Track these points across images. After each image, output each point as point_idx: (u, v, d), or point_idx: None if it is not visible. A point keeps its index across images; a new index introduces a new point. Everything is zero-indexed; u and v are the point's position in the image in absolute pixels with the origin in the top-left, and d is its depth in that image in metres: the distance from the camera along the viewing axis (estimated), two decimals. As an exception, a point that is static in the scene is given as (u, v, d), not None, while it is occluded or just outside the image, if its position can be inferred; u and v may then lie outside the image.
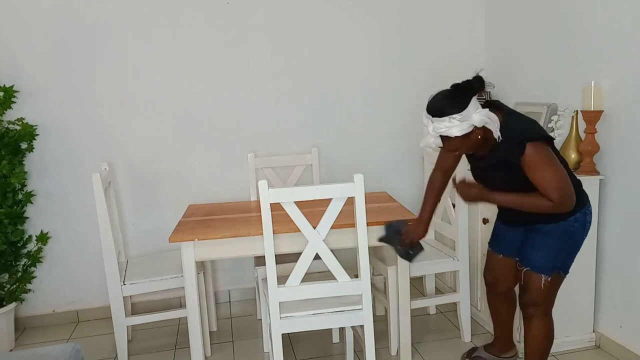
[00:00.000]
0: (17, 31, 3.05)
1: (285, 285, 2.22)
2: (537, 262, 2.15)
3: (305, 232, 2.19)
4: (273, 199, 2.13)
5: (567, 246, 2.14)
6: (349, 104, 3.51)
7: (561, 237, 2.11)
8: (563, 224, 2.09)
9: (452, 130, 1.93)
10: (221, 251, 2.41)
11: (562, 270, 2.16)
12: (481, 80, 2.03)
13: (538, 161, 1.94)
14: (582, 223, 2.12)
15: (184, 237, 2.35)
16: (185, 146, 3.35)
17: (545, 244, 2.14)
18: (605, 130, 2.60)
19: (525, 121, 2.07)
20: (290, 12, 3.35)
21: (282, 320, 2.24)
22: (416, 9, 3.50)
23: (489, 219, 2.83)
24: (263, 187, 2.11)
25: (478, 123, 1.94)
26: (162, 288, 2.76)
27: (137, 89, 3.23)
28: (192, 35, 3.26)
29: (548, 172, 1.94)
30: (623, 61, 2.49)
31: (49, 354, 1.89)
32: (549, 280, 2.14)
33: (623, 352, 2.58)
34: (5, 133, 2.94)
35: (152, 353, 2.92)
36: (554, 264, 2.13)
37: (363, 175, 2.18)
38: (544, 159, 1.95)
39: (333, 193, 2.17)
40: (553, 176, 1.94)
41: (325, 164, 3.49)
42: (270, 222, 2.15)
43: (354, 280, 2.27)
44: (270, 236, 2.17)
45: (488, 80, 3.63)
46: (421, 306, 2.90)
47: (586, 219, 2.13)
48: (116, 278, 2.67)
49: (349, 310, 2.29)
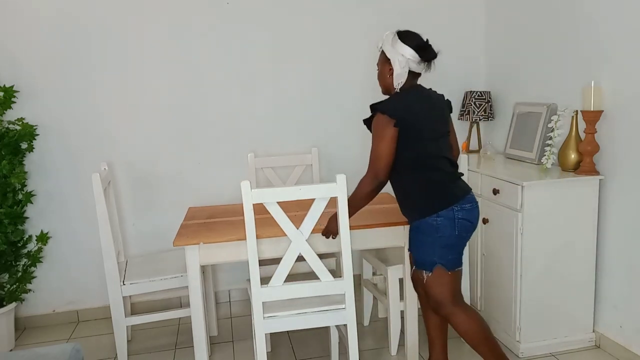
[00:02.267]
0: (17, 31, 3.05)
1: (269, 285, 2.23)
2: (417, 259, 2.22)
3: (288, 232, 2.20)
4: (256, 200, 2.13)
5: (438, 240, 2.14)
6: (349, 104, 3.50)
7: (427, 231, 2.15)
8: (427, 219, 2.14)
9: (386, 47, 2.17)
10: (226, 255, 2.38)
11: (444, 264, 2.15)
12: (432, 52, 2.17)
13: (374, 131, 2.14)
14: (450, 219, 2.12)
15: (188, 240, 2.33)
16: (185, 146, 3.35)
17: (418, 240, 2.20)
18: (605, 130, 2.60)
19: (401, 99, 2.17)
20: (290, 12, 3.35)
21: (265, 320, 2.25)
22: (416, 9, 3.50)
23: (489, 219, 2.84)
24: (245, 187, 2.12)
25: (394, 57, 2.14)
26: (162, 288, 2.76)
27: (137, 89, 3.23)
28: (192, 35, 3.26)
29: (374, 144, 2.13)
30: (623, 61, 2.49)
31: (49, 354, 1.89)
32: (429, 275, 2.17)
33: (623, 352, 2.58)
34: (5, 133, 2.94)
35: (152, 353, 2.92)
36: (431, 258, 2.16)
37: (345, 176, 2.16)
38: (377, 131, 2.12)
39: (315, 193, 2.17)
40: (374, 148, 2.12)
41: (325, 164, 3.49)
42: (253, 222, 2.15)
43: (337, 279, 2.27)
44: (253, 236, 2.17)
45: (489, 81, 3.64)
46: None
47: (455, 215, 2.12)
48: (116, 278, 2.67)
49: (332, 309, 2.30)
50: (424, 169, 2.15)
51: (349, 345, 2.33)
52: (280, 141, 3.46)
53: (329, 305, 2.30)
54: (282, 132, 3.45)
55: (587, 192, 2.62)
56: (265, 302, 2.25)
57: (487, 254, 2.89)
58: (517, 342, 2.69)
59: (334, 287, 2.28)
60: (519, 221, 2.58)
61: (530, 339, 2.68)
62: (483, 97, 3.45)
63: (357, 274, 3.12)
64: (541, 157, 2.88)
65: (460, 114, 3.54)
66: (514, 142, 3.20)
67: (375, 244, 2.53)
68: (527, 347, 2.68)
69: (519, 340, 2.68)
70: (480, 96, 3.45)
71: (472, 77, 3.65)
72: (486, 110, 3.45)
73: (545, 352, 2.69)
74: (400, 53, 2.12)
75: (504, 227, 2.70)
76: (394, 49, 2.14)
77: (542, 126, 2.95)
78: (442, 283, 2.17)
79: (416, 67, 2.16)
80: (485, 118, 3.46)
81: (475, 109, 3.44)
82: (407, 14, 3.49)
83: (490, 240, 2.85)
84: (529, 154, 3.03)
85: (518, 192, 2.57)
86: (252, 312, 2.24)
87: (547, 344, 2.69)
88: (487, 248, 2.89)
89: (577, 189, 2.61)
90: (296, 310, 2.28)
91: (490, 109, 3.47)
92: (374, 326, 3.11)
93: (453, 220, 2.13)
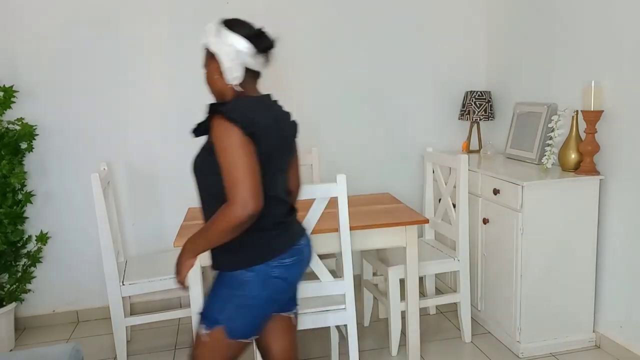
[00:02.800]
0: (17, 31, 3.04)
1: None
2: (203, 308, 1.69)
3: None
4: None
5: (237, 299, 1.63)
6: (349, 104, 3.50)
7: (230, 283, 1.64)
8: (234, 273, 1.63)
9: (210, 39, 1.68)
10: None
11: (226, 329, 1.62)
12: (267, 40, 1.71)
13: (220, 142, 1.52)
14: (262, 276, 1.62)
15: None
16: (184, 146, 3.34)
17: (214, 289, 1.68)
18: (605, 130, 2.60)
19: (246, 103, 1.62)
20: (289, 12, 3.35)
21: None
22: (416, 9, 3.50)
23: (489, 219, 2.83)
24: None
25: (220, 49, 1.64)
26: (161, 288, 2.75)
27: (137, 89, 3.23)
28: (192, 35, 3.24)
29: (226, 159, 1.51)
30: (623, 61, 2.49)
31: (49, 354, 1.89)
32: (205, 334, 1.63)
33: (623, 352, 2.58)
34: (5, 133, 2.94)
35: (151, 353, 2.91)
36: (217, 315, 1.63)
37: (345, 176, 2.16)
38: (224, 141, 1.51)
39: (316, 193, 2.17)
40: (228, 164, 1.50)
41: (325, 164, 3.49)
42: None
43: (338, 280, 2.27)
44: None
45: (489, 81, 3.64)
46: (421, 306, 2.88)
47: (270, 273, 1.63)
48: (115, 278, 2.67)
49: (333, 310, 2.29)
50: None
51: (349, 345, 2.33)
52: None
53: (329, 306, 2.31)
54: (282, 132, 3.44)
55: (587, 192, 2.62)
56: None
57: (487, 254, 2.89)
58: (517, 342, 2.69)
59: (334, 287, 2.28)
60: (519, 221, 2.58)
61: (530, 339, 2.68)
62: (483, 97, 3.45)
63: (358, 275, 3.12)
64: (541, 157, 2.88)
65: (461, 114, 3.54)
66: (514, 142, 3.20)
67: (376, 244, 2.53)
68: (527, 347, 2.68)
69: (519, 340, 2.68)
70: (480, 96, 3.45)
71: (472, 77, 3.65)
72: (486, 110, 3.45)
73: (545, 352, 2.69)
74: (227, 43, 1.64)
75: (504, 227, 2.70)
76: (219, 40, 1.66)
77: (542, 126, 2.95)
78: (212, 351, 1.64)
79: (252, 62, 1.65)
80: (485, 118, 3.45)
81: (476, 109, 3.44)
82: (408, 15, 3.50)
83: (490, 240, 2.85)
84: (529, 154, 3.03)
85: (518, 192, 2.57)
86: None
87: (547, 344, 2.69)
88: (487, 248, 2.89)
89: (577, 189, 2.61)
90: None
91: (491, 109, 3.47)
92: (374, 327, 3.11)
93: (265, 279, 1.63)
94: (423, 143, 3.58)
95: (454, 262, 2.81)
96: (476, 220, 2.93)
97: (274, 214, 1.66)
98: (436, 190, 3.13)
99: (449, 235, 2.91)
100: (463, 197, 2.74)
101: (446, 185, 2.92)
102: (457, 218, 2.77)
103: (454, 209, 2.84)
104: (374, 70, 3.52)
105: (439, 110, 3.64)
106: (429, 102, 3.62)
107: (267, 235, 1.65)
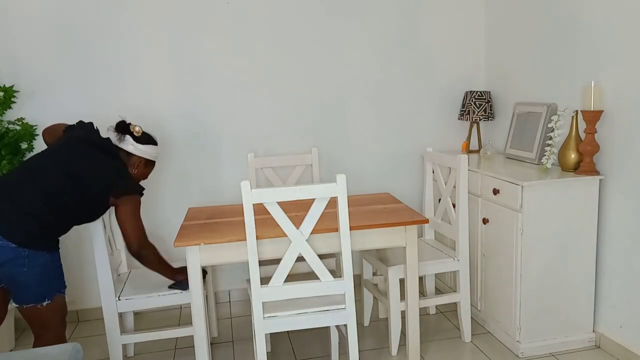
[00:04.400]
0: (17, 31, 3.05)
1: (269, 285, 2.23)
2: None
3: (288, 232, 2.20)
4: (256, 200, 2.13)
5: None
6: (349, 104, 3.51)
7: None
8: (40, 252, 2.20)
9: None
10: (228, 255, 2.37)
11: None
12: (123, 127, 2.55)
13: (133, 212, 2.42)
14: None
15: (189, 241, 2.33)
16: (184, 146, 3.35)
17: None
18: (605, 130, 2.60)
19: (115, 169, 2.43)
20: (291, 13, 3.35)
21: (265, 320, 2.25)
22: (416, 10, 3.50)
23: (488, 219, 2.84)
24: (245, 187, 2.12)
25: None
26: (158, 305, 2.62)
27: (136, 89, 3.23)
28: (192, 36, 3.25)
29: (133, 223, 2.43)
30: (623, 61, 2.49)
31: (49, 354, 1.89)
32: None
33: (623, 352, 2.58)
34: (5, 133, 2.94)
35: (152, 353, 2.92)
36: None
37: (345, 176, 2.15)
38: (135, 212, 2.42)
39: (315, 193, 2.17)
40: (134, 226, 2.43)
41: (325, 164, 3.49)
42: (253, 223, 2.15)
43: (337, 280, 2.27)
44: (253, 236, 2.17)
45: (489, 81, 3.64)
46: (421, 306, 2.88)
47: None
48: (110, 293, 2.56)
49: (333, 309, 2.30)
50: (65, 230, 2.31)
51: (349, 345, 2.33)
52: (280, 141, 3.46)
53: (329, 306, 2.30)
54: (282, 132, 3.45)
55: (587, 192, 2.62)
56: (265, 302, 2.25)
57: (487, 254, 2.89)
58: (517, 342, 2.69)
59: (334, 287, 2.28)
60: (519, 221, 2.58)
61: (530, 339, 2.68)
62: (483, 97, 3.45)
63: (358, 274, 3.12)
64: (541, 157, 2.88)
65: (461, 114, 3.55)
66: (514, 142, 3.20)
67: (376, 244, 2.53)
68: (527, 347, 2.68)
69: (519, 340, 2.68)
70: (480, 96, 3.45)
71: (472, 77, 3.66)
72: (486, 110, 3.45)
73: (545, 352, 2.69)
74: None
75: (503, 227, 2.70)
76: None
77: (542, 126, 2.95)
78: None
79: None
80: (485, 118, 3.46)
81: (476, 109, 3.44)
82: (408, 16, 3.50)
83: (490, 240, 2.85)
84: (529, 154, 3.03)
85: (518, 192, 2.57)
86: (252, 312, 2.24)
87: (547, 344, 2.69)
88: (487, 248, 2.89)
89: (577, 189, 2.61)
90: (296, 311, 2.28)
91: (490, 109, 3.48)
92: (374, 326, 3.11)
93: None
94: (423, 143, 3.58)
95: (454, 262, 2.81)
96: (476, 220, 2.93)
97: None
98: (436, 190, 3.13)
99: (449, 235, 2.91)
100: (463, 197, 2.74)
101: (446, 185, 2.92)
102: (457, 218, 2.77)
103: (453, 209, 2.84)
104: (374, 70, 3.52)
105: (439, 110, 3.64)
106: (429, 102, 3.62)
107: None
